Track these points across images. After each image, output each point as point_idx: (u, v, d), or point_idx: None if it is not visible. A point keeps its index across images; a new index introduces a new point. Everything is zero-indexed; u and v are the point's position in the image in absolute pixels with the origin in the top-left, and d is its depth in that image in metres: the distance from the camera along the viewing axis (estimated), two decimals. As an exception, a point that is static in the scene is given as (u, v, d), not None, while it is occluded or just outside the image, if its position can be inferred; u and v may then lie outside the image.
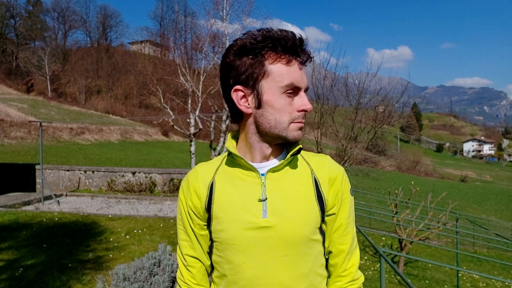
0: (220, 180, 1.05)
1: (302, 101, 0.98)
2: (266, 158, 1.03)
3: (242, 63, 0.96)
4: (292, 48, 0.95)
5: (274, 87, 0.95)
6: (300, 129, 1.00)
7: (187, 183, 1.09)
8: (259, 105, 0.97)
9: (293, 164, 1.05)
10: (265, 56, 0.95)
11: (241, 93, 0.99)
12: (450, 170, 64.49)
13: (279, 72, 0.95)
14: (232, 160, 1.05)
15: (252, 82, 0.97)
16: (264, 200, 0.99)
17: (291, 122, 0.97)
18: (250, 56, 0.96)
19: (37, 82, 53.49)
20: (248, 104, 0.99)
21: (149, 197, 10.85)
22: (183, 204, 1.09)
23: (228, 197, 1.02)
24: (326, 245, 1.08)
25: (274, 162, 1.03)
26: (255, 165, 1.02)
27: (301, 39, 0.96)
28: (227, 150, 1.05)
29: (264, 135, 1.00)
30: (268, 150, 1.02)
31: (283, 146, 1.08)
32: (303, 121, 1.00)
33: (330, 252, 1.08)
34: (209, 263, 1.10)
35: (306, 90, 1.00)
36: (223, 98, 1.06)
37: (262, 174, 1.01)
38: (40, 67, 52.33)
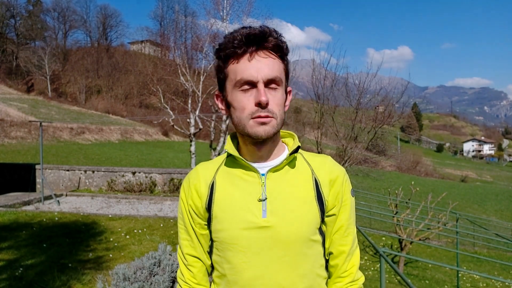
0: (221, 179, 1.05)
1: (255, 94, 0.94)
2: (263, 158, 1.03)
3: (216, 69, 1.03)
4: (240, 45, 0.94)
5: (231, 87, 0.98)
6: (263, 124, 0.94)
7: (188, 182, 1.09)
8: (227, 106, 1.02)
9: (293, 164, 1.05)
10: (224, 60, 0.99)
11: (219, 97, 1.05)
12: (450, 170, 64.48)
13: (232, 71, 0.97)
14: (233, 160, 1.05)
15: (220, 86, 1.03)
16: (264, 200, 0.99)
17: (251, 118, 0.95)
18: (217, 62, 1.01)
19: (37, 82, 53.51)
20: (224, 107, 1.04)
21: (149, 197, 10.84)
22: (184, 204, 1.09)
23: (229, 196, 1.02)
24: (326, 246, 1.07)
25: (274, 162, 1.03)
26: (255, 165, 1.02)
27: (252, 33, 0.94)
28: (226, 151, 1.06)
29: (240, 134, 1.02)
30: (255, 149, 1.02)
31: (284, 146, 1.08)
32: (263, 115, 0.94)
33: (330, 253, 1.08)
34: (209, 262, 1.10)
35: (270, 82, 0.95)
36: None
37: (263, 174, 1.01)
38: (40, 67, 52.34)
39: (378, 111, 10.80)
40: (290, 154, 1.03)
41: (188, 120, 13.61)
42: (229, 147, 1.05)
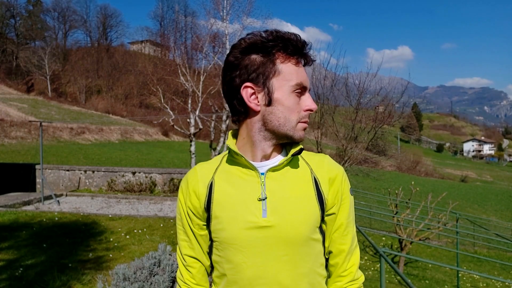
0: (219, 179, 1.05)
1: (308, 100, 1.01)
2: (266, 157, 1.03)
3: (252, 61, 0.98)
4: (301, 50, 0.99)
5: (285, 86, 0.97)
6: (304, 129, 1.02)
7: (186, 183, 1.09)
8: (269, 102, 0.98)
9: (292, 163, 1.05)
10: (276, 55, 0.97)
11: (250, 90, 0.99)
12: (450, 170, 64.48)
13: (289, 72, 0.97)
14: (232, 159, 1.05)
15: (263, 80, 0.98)
16: (263, 200, 0.99)
17: (299, 122, 1.00)
18: (261, 55, 0.97)
19: (37, 82, 53.50)
20: (258, 102, 0.99)
21: (149, 197, 10.84)
22: (182, 205, 1.09)
23: (228, 196, 1.02)
24: (326, 245, 1.08)
25: (274, 162, 1.03)
26: (255, 164, 1.02)
27: (306, 42, 1.00)
28: (228, 147, 1.05)
29: (271, 133, 1.01)
30: (269, 149, 1.03)
31: (283, 146, 1.08)
32: (308, 120, 1.02)
33: (330, 252, 1.08)
34: (208, 263, 1.10)
35: (305, 89, 1.02)
36: (225, 96, 1.05)
37: (262, 173, 1.01)
38: (40, 67, 52.33)
39: (378, 111, 10.78)
40: (293, 155, 1.02)
41: (188, 120, 13.61)
42: (231, 143, 1.05)
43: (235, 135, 1.09)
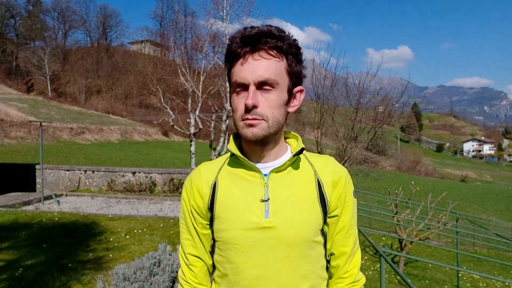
0: (223, 180, 1.05)
1: (246, 97, 0.94)
2: (266, 159, 1.03)
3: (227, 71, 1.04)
4: (236, 48, 0.95)
5: (232, 89, 1.00)
6: (250, 126, 0.94)
7: (190, 182, 1.09)
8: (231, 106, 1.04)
9: (296, 165, 1.05)
10: (229, 63, 1.01)
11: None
12: (450, 170, 64.47)
13: (233, 74, 0.98)
14: (236, 160, 1.05)
15: (229, 88, 1.04)
16: (266, 201, 0.99)
17: (241, 120, 0.96)
18: (226, 64, 1.02)
19: (37, 82, 53.51)
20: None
21: (149, 197, 10.84)
22: (186, 203, 1.09)
23: (231, 197, 1.02)
24: (328, 246, 1.07)
25: (277, 163, 1.03)
26: (257, 165, 1.02)
27: (248, 34, 0.94)
28: (229, 151, 1.05)
29: None
30: (260, 150, 1.02)
31: (287, 147, 1.08)
32: (251, 117, 0.94)
33: (332, 254, 1.08)
34: (211, 262, 1.10)
35: (262, 84, 0.94)
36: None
37: (265, 175, 1.01)
38: (40, 67, 52.34)
39: (378, 111, 10.78)
40: (294, 155, 1.02)
41: (188, 120, 13.62)
42: (232, 146, 1.04)
43: (237, 137, 1.09)
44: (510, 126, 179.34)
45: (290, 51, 0.97)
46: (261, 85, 0.94)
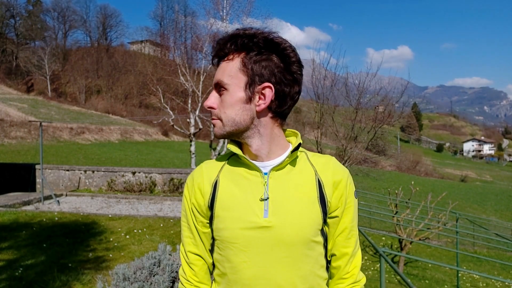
0: (224, 178, 1.05)
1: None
2: (263, 157, 1.03)
3: None
4: (214, 54, 1.03)
5: None
6: (213, 125, 1.03)
7: (192, 180, 1.09)
8: None
9: (297, 164, 1.05)
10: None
11: None
12: (450, 170, 64.47)
13: None
14: (237, 159, 1.05)
15: None
16: (266, 200, 0.99)
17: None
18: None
19: (37, 82, 53.51)
20: None
21: (149, 197, 10.84)
22: (188, 201, 1.09)
23: (231, 196, 1.02)
24: (329, 247, 1.07)
25: (276, 161, 1.03)
26: (258, 164, 1.02)
27: (220, 39, 1.01)
28: (229, 150, 1.06)
29: None
30: (252, 149, 1.02)
31: (289, 145, 1.07)
32: (211, 118, 1.04)
33: (333, 255, 1.08)
34: (211, 261, 1.10)
35: (217, 87, 1.02)
36: None
37: (265, 173, 1.01)
38: (40, 67, 52.35)
39: (378, 111, 10.79)
40: (292, 151, 1.02)
41: (188, 120, 13.62)
42: (232, 145, 1.05)
43: None
44: (510, 126, 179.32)
45: (247, 47, 0.97)
46: (216, 87, 1.01)
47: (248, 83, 0.97)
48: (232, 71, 0.97)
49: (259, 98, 0.98)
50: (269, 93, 0.97)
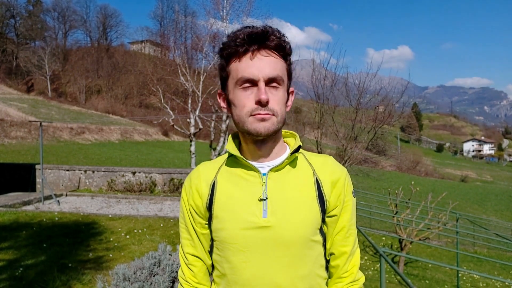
0: (222, 179, 1.05)
1: (257, 93, 0.95)
2: (264, 158, 1.03)
3: (219, 67, 1.04)
4: (242, 43, 0.95)
5: (232, 85, 0.99)
6: (262, 120, 0.95)
7: (190, 182, 1.09)
8: (228, 104, 1.03)
9: (295, 164, 1.05)
10: (226, 59, 1.00)
11: (222, 96, 1.06)
12: (450, 170, 64.46)
13: (233, 70, 0.98)
14: (234, 160, 1.05)
15: (223, 85, 1.04)
16: (264, 200, 0.99)
17: (250, 115, 0.96)
18: (220, 62, 1.03)
19: (37, 82, 53.53)
20: (225, 105, 1.05)
21: (149, 197, 10.84)
22: (185, 203, 1.10)
23: (229, 196, 1.02)
24: (327, 246, 1.07)
25: (275, 162, 1.03)
26: (256, 164, 1.02)
27: (254, 32, 0.95)
28: (227, 151, 1.06)
29: (241, 132, 1.03)
30: (257, 149, 1.02)
31: (286, 146, 1.08)
32: (263, 112, 0.95)
33: (332, 254, 1.08)
34: (210, 262, 1.10)
35: (271, 81, 0.96)
36: None
37: (264, 174, 1.01)
38: (40, 67, 52.35)
39: (378, 111, 10.78)
40: (291, 153, 1.02)
41: (188, 120, 13.62)
42: (230, 146, 1.05)
43: (236, 137, 1.09)
44: (510, 126, 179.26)
45: (290, 53, 1.00)
46: (270, 82, 0.96)
47: (288, 85, 1.03)
48: (282, 70, 0.98)
49: (289, 99, 1.04)
50: (292, 97, 1.06)
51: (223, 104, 1.06)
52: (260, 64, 0.95)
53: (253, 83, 0.95)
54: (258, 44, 0.95)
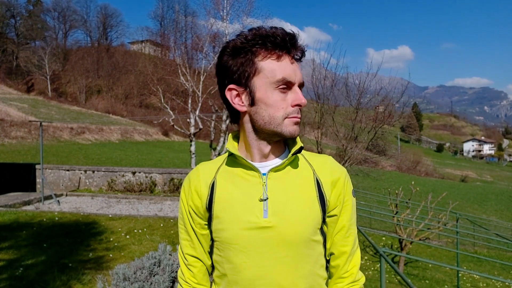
0: (221, 179, 1.05)
1: (296, 95, 0.97)
2: (266, 157, 1.03)
3: (235, 62, 0.98)
4: (282, 44, 0.95)
5: (266, 83, 0.96)
6: (296, 124, 0.98)
7: (189, 182, 1.09)
8: (252, 102, 0.98)
9: (295, 164, 1.05)
10: (256, 54, 0.96)
11: (234, 92, 1.00)
12: (450, 170, 64.45)
13: (270, 68, 0.95)
14: (234, 160, 1.05)
15: (244, 80, 0.98)
16: (265, 200, 0.99)
17: (286, 118, 0.97)
18: (242, 55, 0.97)
19: (37, 81, 53.53)
20: (242, 103, 1.00)
21: (149, 197, 10.84)
22: (184, 204, 1.09)
23: (229, 196, 1.01)
24: (327, 246, 1.07)
25: (276, 162, 1.03)
26: (256, 164, 1.02)
27: (291, 34, 0.96)
28: (228, 150, 1.05)
29: (261, 132, 1.00)
30: (266, 148, 1.02)
31: (285, 146, 1.08)
32: (299, 115, 0.98)
33: (332, 254, 1.08)
34: (210, 262, 1.10)
35: (301, 86, 0.99)
36: (221, 99, 1.06)
37: (264, 174, 1.01)
38: (40, 67, 52.36)
39: (378, 111, 10.77)
40: (293, 154, 1.02)
41: (188, 120, 13.61)
42: (231, 146, 1.04)
43: (236, 137, 1.09)
44: (510, 126, 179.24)
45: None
46: (300, 87, 0.99)
47: None
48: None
49: None
50: None
51: (238, 101, 1.00)
52: (295, 68, 0.97)
53: (289, 85, 0.97)
54: (294, 48, 0.97)
